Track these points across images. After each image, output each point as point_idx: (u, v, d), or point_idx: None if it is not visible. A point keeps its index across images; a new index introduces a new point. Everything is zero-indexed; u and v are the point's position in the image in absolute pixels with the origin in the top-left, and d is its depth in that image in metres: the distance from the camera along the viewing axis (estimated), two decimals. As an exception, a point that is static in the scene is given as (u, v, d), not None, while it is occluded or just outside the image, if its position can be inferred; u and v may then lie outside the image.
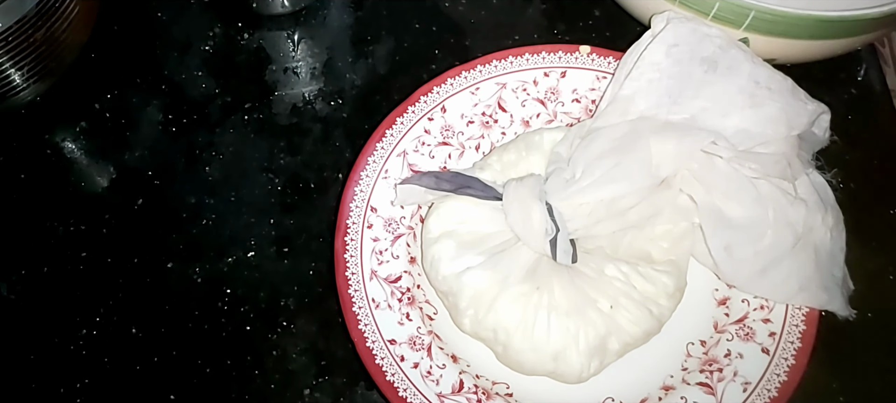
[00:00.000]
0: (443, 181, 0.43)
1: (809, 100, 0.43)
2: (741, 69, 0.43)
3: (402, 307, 0.42)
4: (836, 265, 0.41)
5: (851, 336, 0.43)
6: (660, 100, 0.43)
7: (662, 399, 0.40)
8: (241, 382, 0.44)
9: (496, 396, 0.40)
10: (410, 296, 0.42)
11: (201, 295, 0.46)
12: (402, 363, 0.40)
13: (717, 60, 0.43)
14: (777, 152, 0.42)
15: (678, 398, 0.40)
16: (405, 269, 0.43)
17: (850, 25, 0.43)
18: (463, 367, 0.41)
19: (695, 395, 0.40)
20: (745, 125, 0.42)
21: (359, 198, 0.44)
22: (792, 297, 0.41)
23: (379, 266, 0.43)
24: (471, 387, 0.40)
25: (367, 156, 0.45)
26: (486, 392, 0.40)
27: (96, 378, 0.44)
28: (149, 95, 0.52)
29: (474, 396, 0.40)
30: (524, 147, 0.45)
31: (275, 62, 0.53)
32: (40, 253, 0.47)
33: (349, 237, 0.43)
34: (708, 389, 0.40)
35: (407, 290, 0.43)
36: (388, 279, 0.43)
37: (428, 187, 0.43)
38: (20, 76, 0.48)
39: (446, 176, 0.43)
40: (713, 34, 0.44)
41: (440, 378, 0.40)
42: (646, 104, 0.43)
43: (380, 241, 0.43)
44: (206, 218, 0.48)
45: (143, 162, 0.50)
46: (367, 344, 0.40)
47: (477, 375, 0.41)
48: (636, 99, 0.43)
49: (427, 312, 0.43)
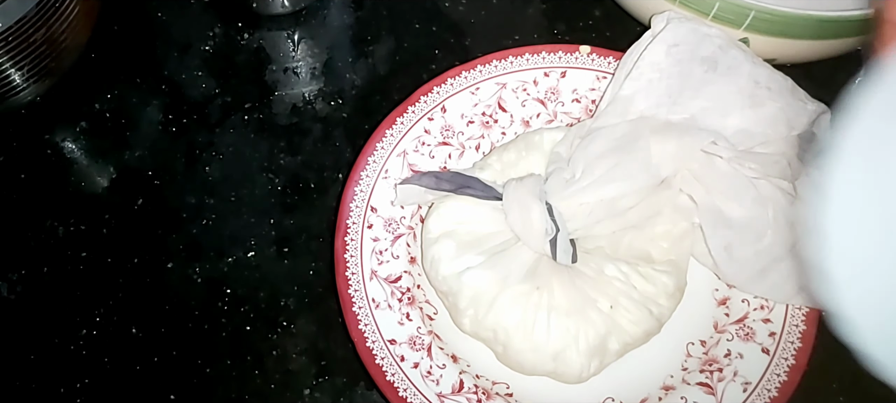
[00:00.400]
0: (443, 181, 0.43)
1: (809, 100, 0.43)
2: (741, 69, 0.43)
3: (402, 307, 0.42)
4: None
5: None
6: (660, 100, 0.43)
7: (662, 399, 0.40)
8: (241, 382, 0.44)
9: (496, 396, 0.40)
10: (410, 296, 0.42)
11: (201, 295, 0.46)
12: (402, 363, 0.40)
13: (717, 60, 0.43)
14: (777, 152, 0.42)
15: (678, 398, 0.40)
16: (405, 269, 0.43)
17: (850, 26, 0.43)
18: (463, 367, 0.41)
19: (695, 395, 0.40)
20: (745, 125, 0.42)
21: (359, 197, 0.44)
22: (792, 297, 0.41)
23: (379, 266, 0.43)
24: (471, 387, 0.40)
25: (367, 155, 0.45)
26: (486, 392, 0.40)
27: (96, 378, 0.44)
28: (149, 95, 0.52)
29: (474, 396, 0.40)
30: (524, 147, 0.45)
31: (275, 62, 0.53)
32: (40, 253, 0.47)
33: (349, 237, 0.43)
34: (708, 389, 0.40)
35: (407, 290, 0.43)
36: (388, 279, 0.43)
37: (428, 187, 0.43)
38: (20, 76, 0.48)
39: (446, 176, 0.43)
40: (713, 34, 0.44)
41: (440, 378, 0.40)
42: (646, 104, 0.43)
43: (380, 241, 0.43)
44: (206, 219, 0.48)
45: (143, 162, 0.50)
46: (368, 344, 0.40)
47: (477, 375, 0.41)
48: (636, 99, 0.43)
49: (427, 312, 0.43)
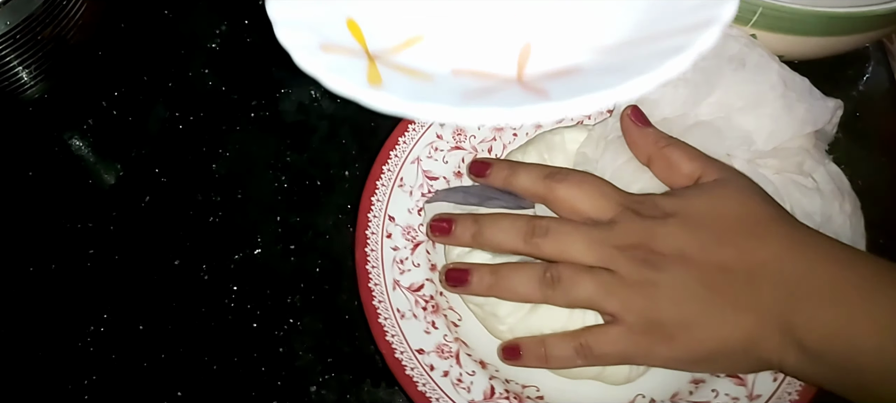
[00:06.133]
0: (471, 195, 0.43)
1: (825, 98, 0.43)
2: (770, 67, 0.43)
3: (426, 315, 0.42)
4: None
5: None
6: (685, 104, 0.43)
7: (693, 392, 0.40)
8: (248, 379, 0.44)
9: (528, 400, 0.40)
10: (434, 304, 0.42)
11: (208, 292, 0.46)
12: (432, 372, 0.40)
13: (744, 58, 0.43)
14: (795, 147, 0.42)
15: (709, 390, 0.40)
16: (427, 277, 0.43)
17: (858, 22, 0.43)
18: (492, 372, 0.41)
19: (726, 387, 0.40)
20: (776, 127, 0.42)
21: (376, 207, 0.43)
22: None
23: (401, 275, 0.42)
24: (502, 392, 0.40)
25: (382, 164, 0.45)
26: (517, 397, 0.40)
27: (104, 374, 0.44)
28: (156, 93, 0.52)
29: (506, 401, 0.39)
30: (545, 148, 0.45)
31: (282, 60, 0.53)
32: (48, 251, 0.47)
33: (369, 248, 0.42)
34: (738, 380, 0.40)
35: (430, 298, 0.42)
36: (411, 288, 0.42)
37: (456, 202, 0.43)
38: (28, 74, 0.48)
39: (474, 189, 0.43)
40: (735, 33, 0.44)
41: (471, 386, 0.40)
42: (671, 108, 0.43)
43: (400, 250, 0.43)
44: (213, 216, 0.48)
45: (151, 159, 0.50)
46: (397, 356, 0.40)
47: (506, 379, 0.41)
48: (661, 103, 0.43)
49: (451, 319, 0.42)
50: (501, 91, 0.30)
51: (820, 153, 0.43)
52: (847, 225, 0.41)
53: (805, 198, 0.41)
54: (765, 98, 0.42)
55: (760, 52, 0.43)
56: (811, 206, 0.41)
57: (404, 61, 0.32)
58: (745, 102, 0.42)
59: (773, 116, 0.42)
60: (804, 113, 0.42)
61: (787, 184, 0.41)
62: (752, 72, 0.43)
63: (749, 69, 0.43)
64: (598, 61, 0.31)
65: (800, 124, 0.42)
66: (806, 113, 0.42)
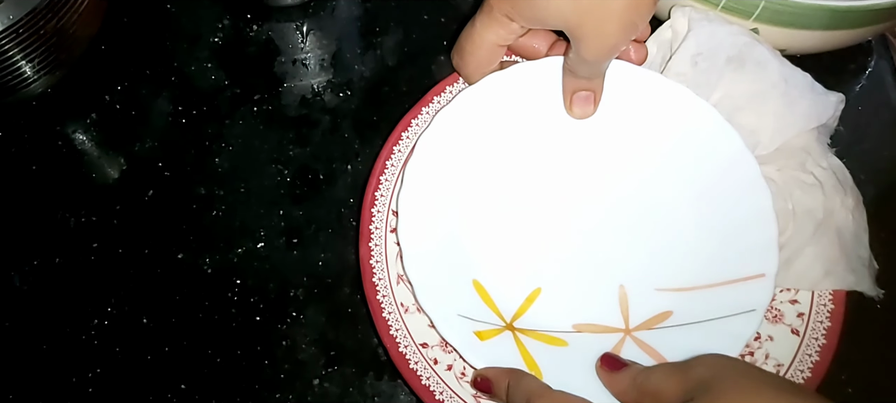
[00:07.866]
0: None
1: (828, 93, 0.43)
2: (770, 65, 0.43)
3: None
4: (861, 245, 0.42)
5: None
6: None
7: None
8: (251, 372, 0.44)
9: None
10: None
11: (211, 285, 0.46)
12: (436, 366, 0.40)
13: (744, 58, 0.43)
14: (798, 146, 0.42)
15: None
16: None
17: (861, 15, 0.43)
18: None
19: None
20: (779, 123, 0.42)
21: (380, 202, 0.43)
22: (819, 283, 0.40)
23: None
24: None
25: (385, 159, 0.45)
26: None
27: (108, 367, 0.44)
28: (159, 87, 0.52)
29: None
30: None
31: (284, 54, 0.53)
32: (52, 244, 0.47)
33: (373, 243, 0.43)
34: None
35: None
36: None
37: None
38: (31, 68, 0.49)
39: None
40: (735, 31, 0.43)
41: None
42: None
43: None
44: (215, 209, 0.48)
45: (154, 153, 0.50)
46: (400, 349, 0.40)
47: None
48: None
49: None
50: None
51: (822, 147, 0.43)
52: (849, 220, 0.41)
53: (807, 195, 0.41)
54: (766, 96, 0.42)
55: (761, 49, 0.43)
56: (813, 203, 0.41)
57: (534, 323, 0.41)
58: (747, 101, 0.42)
59: (775, 114, 0.42)
60: (806, 108, 0.42)
61: (788, 182, 0.41)
62: (753, 70, 0.42)
63: (749, 68, 0.42)
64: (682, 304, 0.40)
65: (802, 120, 0.42)
66: (808, 108, 0.42)
